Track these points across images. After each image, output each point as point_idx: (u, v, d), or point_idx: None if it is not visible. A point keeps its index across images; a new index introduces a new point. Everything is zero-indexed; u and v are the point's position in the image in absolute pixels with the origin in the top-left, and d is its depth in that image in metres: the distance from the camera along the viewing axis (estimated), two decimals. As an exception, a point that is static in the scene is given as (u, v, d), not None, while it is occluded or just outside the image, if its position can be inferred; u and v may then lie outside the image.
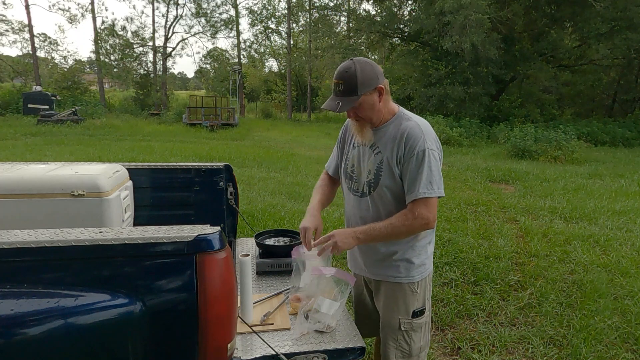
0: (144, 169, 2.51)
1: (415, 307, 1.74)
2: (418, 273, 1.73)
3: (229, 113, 19.64)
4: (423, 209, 1.58)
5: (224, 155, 10.00)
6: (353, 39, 22.81)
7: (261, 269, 2.12)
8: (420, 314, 1.75)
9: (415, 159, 1.58)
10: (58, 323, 1.07)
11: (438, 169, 1.61)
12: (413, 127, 1.62)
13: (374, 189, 1.69)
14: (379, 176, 1.67)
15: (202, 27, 30.61)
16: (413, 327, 1.74)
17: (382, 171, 1.66)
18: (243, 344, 1.48)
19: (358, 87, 1.55)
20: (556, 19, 18.40)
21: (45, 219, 1.83)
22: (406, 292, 1.73)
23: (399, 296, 1.73)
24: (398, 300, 1.74)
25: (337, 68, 1.61)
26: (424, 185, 1.57)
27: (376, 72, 1.58)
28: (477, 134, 15.50)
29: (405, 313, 1.73)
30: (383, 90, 1.60)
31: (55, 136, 12.90)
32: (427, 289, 1.79)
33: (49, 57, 29.16)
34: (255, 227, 4.50)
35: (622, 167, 10.26)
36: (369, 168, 1.70)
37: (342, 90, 1.57)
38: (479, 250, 4.24)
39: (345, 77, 1.55)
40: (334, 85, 1.59)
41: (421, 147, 1.58)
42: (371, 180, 1.70)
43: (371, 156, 1.70)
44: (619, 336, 2.86)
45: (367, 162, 1.71)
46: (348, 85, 1.55)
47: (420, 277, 1.74)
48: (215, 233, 1.19)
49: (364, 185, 1.73)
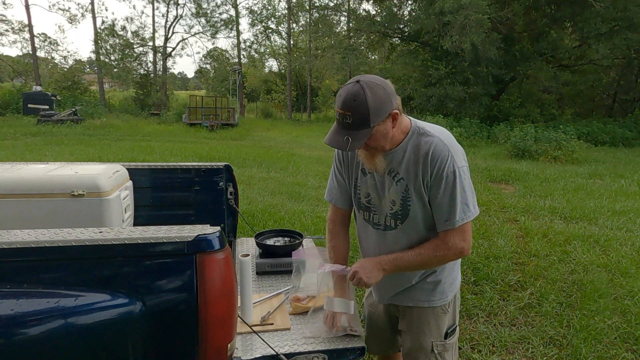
0: (144, 169, 2.51)
1: (447, 327, 1.61)
2: (451, 291, 1.60)
3: (229, 113, 19.65)
4: (457, 238, 1.41)
5: (224, 155, 10.00)
6: (353, 39, 22.80)
7: (261, 269, 2.12)
8: (452, 333, 1.63)
9: (445, 182, 1.37)
10: (58, 323, 1.07)
11: (471, 186, 1.43)
12: (437, 144, 1.38)
13: (402, 222, 1.48)
14: (407, 207, 1.45)
15: (202, 27, 30.63)
16: (446, 347, 1.61)
17: (410, 201, 1.44)
18: (243, 344, 1.48)
19: (370, 118, 1.27)
20: (556, 19, 18.39)
21: (45, 219, 1.83)
22: (438, 314, 1.59)
23: (431, 319, 1.59)
24: (430, 324, 1.59)
25: (339, 92, 1.32)
26: (459, 211, 1.39)
27: (389, 95, 1.31)
28: (477, 134, 15.49)
29: (438, 335, 1.59)
30: (397, 114, 1.35)
31: (55, 136, 12.90)
32: (457, 304, 1.67)
33: (49, 57, 29.18)
34: (255, 227, 4.50)
35: (622, 167, 10.26)
36: (392, 198, 1.47)
37: (350, 123, 1.28)
38: (479, 250, 4.24)
39: (354, 106, 1.26)
40: (340, 116, 1.30)
41: (450, 167, 1.36)
42: (397, 212, 1.48)
43: (392, 184, 1.46)
44: (619, 336, 2.85)
45: (389, 191, 1.48)
46: (358, 117, 1.27)
47: (452, 294, 1.61)
48: (215, 233, 1.19)
49: (387, 218, 1.51)
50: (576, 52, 19.22)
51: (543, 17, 18.83)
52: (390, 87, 1.34)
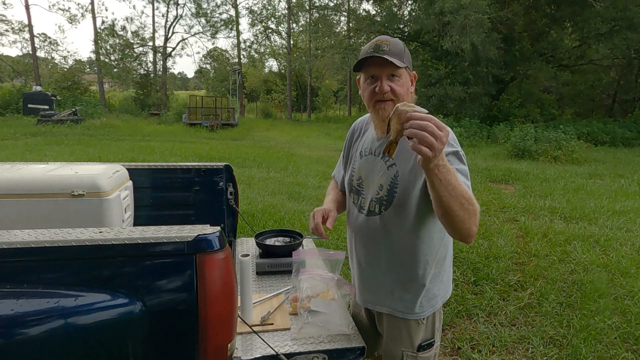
0: (144, 169, 2.50)
1: (421, 340, 1.55)
2: (429, 306, 1.54)
3: (229, 113, 19.66)
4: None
5: (224, 155, 10.01)
6: (353, 39, 22.79)
7: (261, 269, 2.11)
8: (427, 347, 1.55)
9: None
10: (58, 323, 1.07)
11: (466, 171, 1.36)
12: None
13: (386, 208, 1.46)
14: (392, 194, 1.44)
15: (202, 27, 30.72)
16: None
17: (397, 187, 1.43)
18: (243, 344, 1.48)
19: (405, 55, 1.38)
20: (556, 19, 18.40)
21: (45, 219, 1.82)
22: (411, 325, 1.54)
23: (403, 328, 1.55)
24: (402, 332, 1.55)
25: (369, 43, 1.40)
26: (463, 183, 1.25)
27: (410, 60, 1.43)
28: (477, 134, 15.49)
29: (409, 345, 1.54)
30: (415, 78, 1.45)
31: (55, 136, 12.91)
32: (438, 319, 1.60)
33: (49, 57, 29.26)
34: (255, 227, 4.50)
35: (622, 167, 10.26)
36: (380, 183, 1.47)
37: (388, 50, 1.34)
38: (479, 250, 4.24)
39: (393, 41, 1.37)
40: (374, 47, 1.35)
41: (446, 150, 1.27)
42: (382, 198, 1.46)
43: (383, 169, 1.47)
44: (619, 336, 2.86)
45: (379, 175, 1.48)
46: (395, 49, 1.36)
47: (431, 309, 1.55)
48: (215, 233, 1.19)
49: (372, 203, 1.50)
50: (576, 52, 19.22)
51: (543, 17, 18.84)
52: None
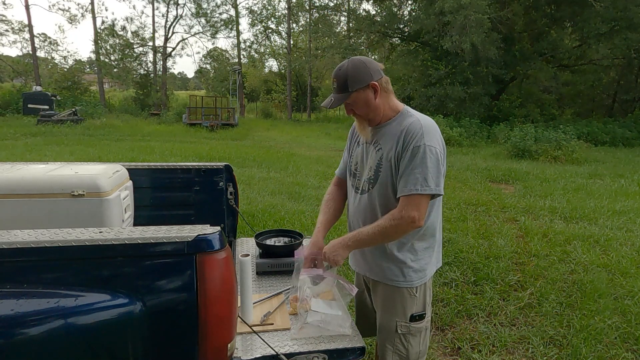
0: (144, 169, 2.51)
1: (414, 311, 1.70)
2: (417, 278, 1.68)
3: (229, 113, 19.65)
4: (411, 207, 1.52)
5: (224, 155, 10.00)
6: (353, 39, 22.81)
7: (261, 269, 2.11)
8: (419, 318, 1.71)
9: (411, 154, 1.54)
10: (58, 323, 1.07)
11: (436, 166, 1.53)
12: (413, 122, 1.58)
13: (373, 186, 1.67)
14: (378, 173, 1.66)
15: (202, 27, 30.68)
16: (411, 331, 1.70)
17: (381, 168, 1.65)
18: (243, 344, 1.48)
19: (349, 84, 1.57)
20: (556, 19, 18.39)
21: (45, 219, 1.83)
22: (404, 295, 1.69)
23: (397, 299, 1.69)
24: (396, 303, 1.69)
25: None
26: (415, 181, 1.52)
27: (369, 70, 1.58)
28: (477, 134, 15.49)
29: (402, 316, 1.69)
30: (377, 87, 1.59)
31: (55, 136, 12.90)
32: (428, 294, 1.74)
33: (49, 57, 29.21)
34: (255, 227, 4.50)
35: (622, 167, 10.26)
36: (370, 165, 1.70)
37: (335, 87, 1.61)
38: (479, 250, 4.24)
39: (338, 74, 1.59)
40: (332, 83, 1.65)
41: (418, 142, 1.53)
42: (371, 177, 1.68)
43: (372, 153, 1.69)
44: (619, 336, 2.85)
45: (369, 159, 1.70)
46: (340, 83, 1.59)
47: (420, 282, 1.69)
48: (215, 233, 1.19)
49: (364, 183, 1.71)
50: (576, 52, 19.20)
51: (543, 17, 18.83)
52: (375, 65, 1.61)
